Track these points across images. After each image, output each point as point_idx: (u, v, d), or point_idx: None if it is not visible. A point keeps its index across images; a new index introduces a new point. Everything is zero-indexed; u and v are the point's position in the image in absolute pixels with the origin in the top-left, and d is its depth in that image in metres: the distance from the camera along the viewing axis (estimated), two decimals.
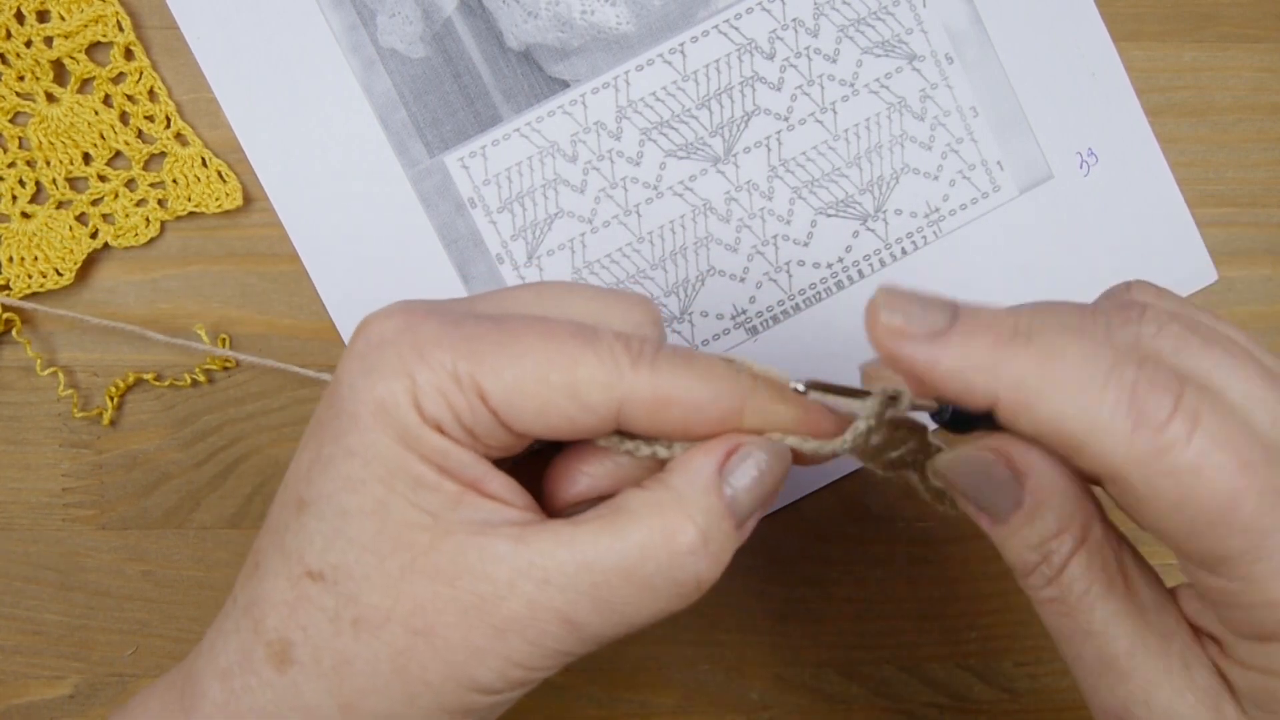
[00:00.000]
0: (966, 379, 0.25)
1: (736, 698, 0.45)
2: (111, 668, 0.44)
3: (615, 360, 0.26)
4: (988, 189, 0.44)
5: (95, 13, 0.41)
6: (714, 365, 0.27)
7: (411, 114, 0.42)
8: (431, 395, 0.26)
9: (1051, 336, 0.25)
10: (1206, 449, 0.23)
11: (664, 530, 0.26)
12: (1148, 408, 0.24)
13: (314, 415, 0.28)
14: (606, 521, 0.27)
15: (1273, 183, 0.44)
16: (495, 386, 0.26)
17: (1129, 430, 0.24)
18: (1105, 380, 0.24)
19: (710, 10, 0.43)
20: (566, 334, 0.26)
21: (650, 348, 0.27)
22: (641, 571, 0.26)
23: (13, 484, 0.43)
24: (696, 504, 0.27)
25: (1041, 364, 0.24)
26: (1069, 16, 0.43)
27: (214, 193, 0.42)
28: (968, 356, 0.25)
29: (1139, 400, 0.24)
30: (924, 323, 0.25)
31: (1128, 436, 0.24)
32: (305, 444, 0.28)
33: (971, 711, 0.45)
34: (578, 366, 0.26)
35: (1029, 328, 0.25)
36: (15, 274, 0.42)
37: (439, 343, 0.26)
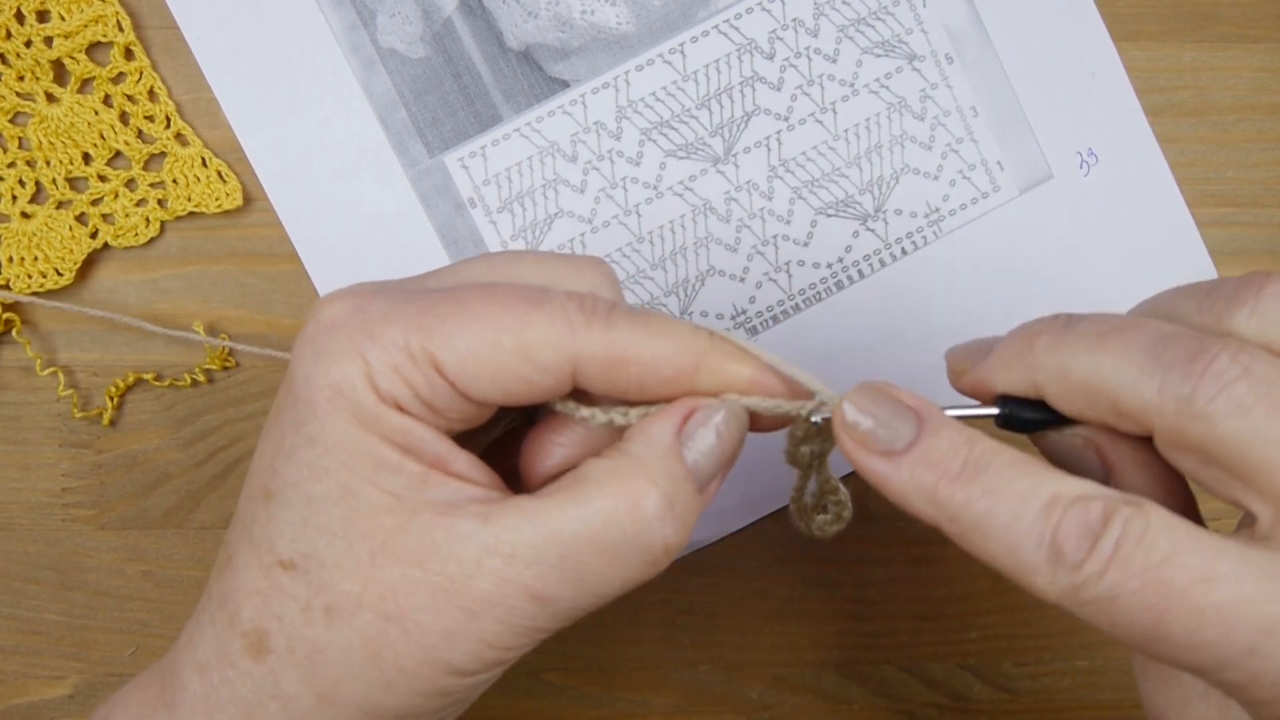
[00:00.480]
0: (911, 503, 0.26)
1: (736, 698, 0.45)
2: (111, 668, 0.44)
3: (567, 318, 0.26)
4: (988, 189, 0.44)
5: (95, 13, 0.42)
6: (669, 323, 0.27)
7: (411, 114, 0.42)
8: (386, 373, 0.26)
9: (994, 476, 0.26)
10: (1120, 579, 0.24)
11: (627, 497, 0.26)
12: (1065, 548, 0.25)
13: (274, 403, 0.28)
14: (570, 492, 0.27)
15: (1273, 183, 0.44)
16: (449, 356, 0.26)
17: (1050, 570, 0.25)
18: (1032, 522, 0.25)
19: (710, 10, 0.43)
20: (515, 296, 0.26)
21: (604, 305, 0.27)
22: (608, 539, 0.26)
23: (13, 484, 0.43)
24: (658, 468, 0.27)
25: (978, 501, 0.26)
26: (1069, 16, 0.43)
27: (214, 193, 0.42)
28: (914, 483, 0.26)
29: (1059, 541, 0.25)
30: (884, 440, 0.27)
31: (1050, 576, 0.25)
32: (266, 433, 0.28)
33: (971, 711, 0.45)
34: (528, 328, 0.26)
35: (978, 462, 0.26)
36: (15, 274, 0.42)
37: (389, 319, 0.26)
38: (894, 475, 0.27)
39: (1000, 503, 0.25)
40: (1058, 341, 0.27)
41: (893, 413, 0.27)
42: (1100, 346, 0.26)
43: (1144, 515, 0.24)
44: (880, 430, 0.27)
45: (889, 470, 0.27)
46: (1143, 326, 0.26)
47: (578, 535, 0.26)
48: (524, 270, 0.28)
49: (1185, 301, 0.27)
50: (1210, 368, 0.24)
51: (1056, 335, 0.27)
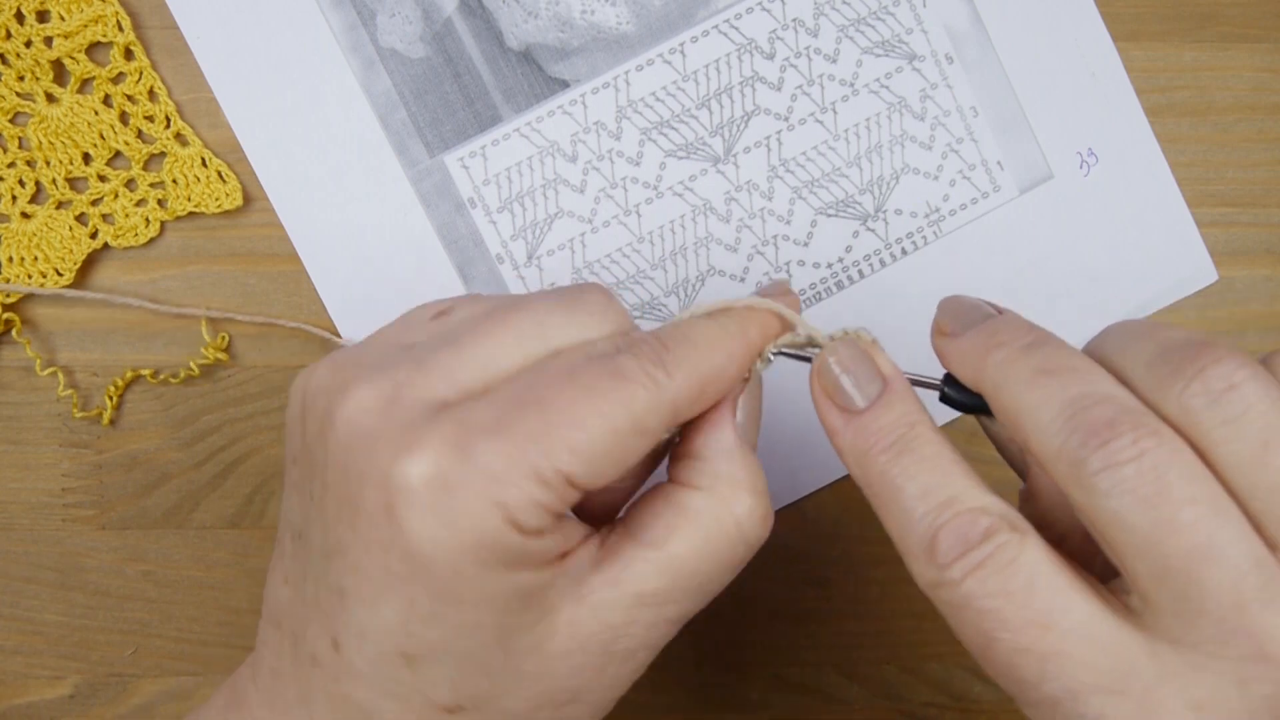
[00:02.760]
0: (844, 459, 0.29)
1: (736, 698, 0.45)
2: (111, 668, 0.44)
3: (654, 380, 0.27)
4: (988, 189, 0.44)
5: (95, 13, 0.41)
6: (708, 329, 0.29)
7: (411, 114, 0.42)
8: (527, 510, 0.25)
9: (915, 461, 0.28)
10: (968, 595, 0.26)
11: (733, 516, 0.28)
12: (940, 547, 0.26)
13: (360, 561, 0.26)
14: (688, 529, 0.28)
15: (1273, 183, 0.44)
16: (579, 466, 0.26)
17: (924, 560, 0.27)
18: (924, 514, 0.27)
19: (710, 10, 0.43)
20: (603, 381, 0.26)
21: (660, 348, 0.27)
22: (734, 556, 0.29)
23: (13, 484, 0.43)
24: (741, 474, 0.29)
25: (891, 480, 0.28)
26: (1069, 16, 0.43)
27: (214, 193, 0.42)
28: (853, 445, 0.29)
29: (937, 538, 0.26)
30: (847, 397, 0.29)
31: (922, 565, 0.27)
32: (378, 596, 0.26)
33: (971, 711, 0.45)
34: (634, 406, 0.26)
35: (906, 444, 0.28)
36: (15, 274, 0.42)
37: (507, 458, 0.25)
38: (842, 432, 0.28)
39: (909, 486, 0.27)
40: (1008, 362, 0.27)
41: (866, 375, 0.29)
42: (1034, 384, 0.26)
43: (1020, 546, 0.26)
44: (848, 388, 0.29)
45: (840, 426, 0.28)
46: (1079, 378, 0.26)
47: (709, 566, 0.28)
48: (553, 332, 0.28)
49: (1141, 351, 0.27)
50: (1109, 444, 0.25)
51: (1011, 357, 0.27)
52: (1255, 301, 0.44)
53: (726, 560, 0.28)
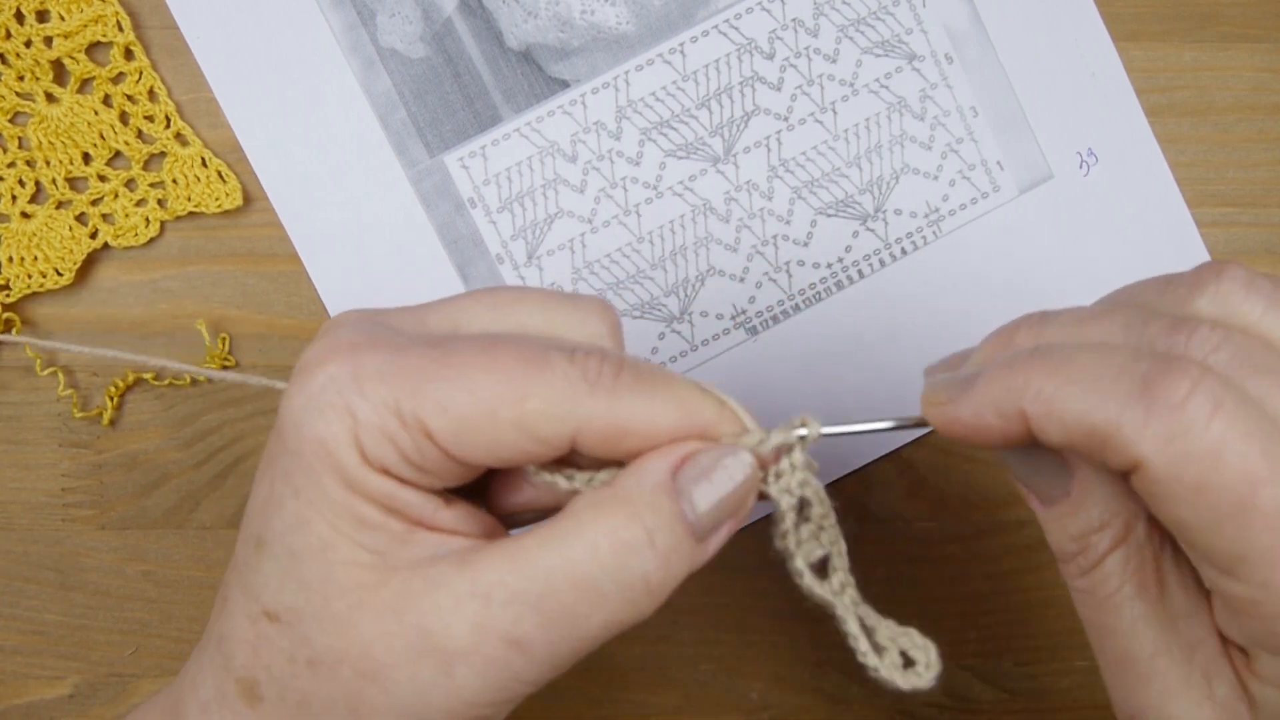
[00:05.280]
0: (999, 405, 0.26)
1: (736, 698, 0.45)
2: (111, 668, 0.44)
3: (570, 388, 0.25)
4: (988, 189, 0.44)
5: (95, 13, 0.41)
6: (674, 387, 0.26)
7: (411, 114, 0.42)
8: (374, 435, 0.25)
9: (1067, 348, 0.26)
10: (1227, 432, 0.23)
11: (609, 530, 0.25)
12: (1162, 391, 0.24)
13: (266, 447, 0.28)
14: (550, 529, 0.26)
15: (1273, 183, 0.44)
16: (440, 423, 0.25)
17: (1144, 415, 0.24)
18: (1118, 374, 0.24)
19: (710, 10, 0.43)
20: (514, 361, 0.25)
21: (610, 370, 0.26)
22: (587, 574, 0.25)
23: (13, 484, 0.43)
24: (643, 501, 0.26)
25: (1056, 371, 0.25)
26: (1069, 16, 0.43)
27: (214, 193, 0.42)
28: (996, 387, 0.26)
29: (1152, 385, 0.24)
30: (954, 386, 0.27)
31: (1143, 422, 0.24)
32: (259, 477, 0.27)
33: (971, 711, 0.45)
34: (527, 399, 0.25)
35: (1047, 345, 0.26)
36: (15, 274, 0.42)
37: (380, 377, 0.25)
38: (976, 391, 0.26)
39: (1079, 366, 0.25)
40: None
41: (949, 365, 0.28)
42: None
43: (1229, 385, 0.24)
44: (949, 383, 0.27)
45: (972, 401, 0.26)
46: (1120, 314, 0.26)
47: (554, 571, 0.25)
48: (527, 313, 0.28)
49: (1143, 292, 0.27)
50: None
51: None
52: None
53: (577, 577, 0.25)
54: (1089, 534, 0.27)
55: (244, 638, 0.27)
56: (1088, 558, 0.28)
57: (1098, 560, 0.27)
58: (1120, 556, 0.27)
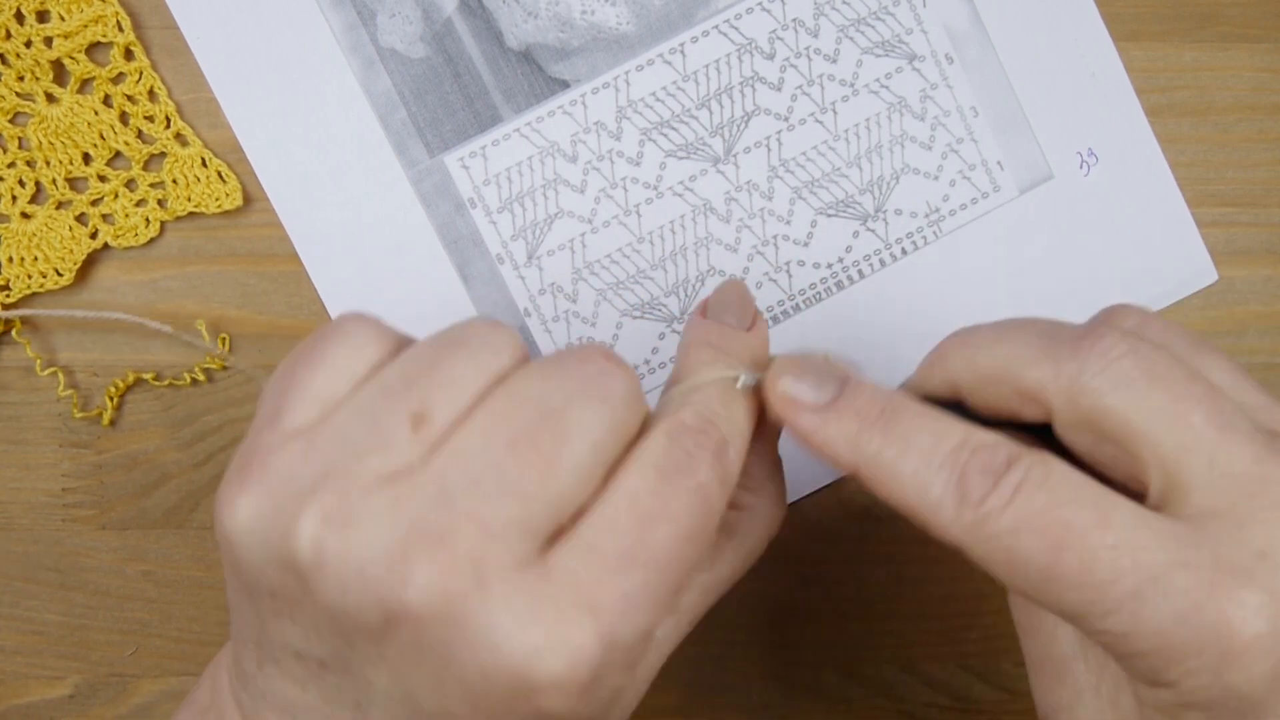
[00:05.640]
0: (835, 451, 0.28)
1: (736, 698, 0.45)
2: (111, 668, 0.44)
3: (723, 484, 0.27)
4: (988, 189, 0.44)
5: (95, 13, 0.41)
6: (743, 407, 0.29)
7: (411, 114, 0.42)
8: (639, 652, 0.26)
9: (909, 421, 0.27)
10: (1021, 515, 0.25)
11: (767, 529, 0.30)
12: (970, 486, 0.26)
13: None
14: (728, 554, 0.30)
15: (1273, 183, 0.44)
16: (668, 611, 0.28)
17: (955, 507, 0.26)
18: (941, 462, 0.26)
19: (710, 10, 0.43)
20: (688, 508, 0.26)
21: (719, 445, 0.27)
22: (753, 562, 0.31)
23: (13, 484, 0.43)
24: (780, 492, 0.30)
25: (893, 444, 0.27)
26: (1069, 16, 0.43)
27: (214, 193, 0.42)
28: (838, 432, 0.28)
29: (965, 480, 0.26)
30: (813, 393, 0.28)
31: (954, 512, 0.26)
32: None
33: (971, 711, 0.45)
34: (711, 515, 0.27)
35: (895, 409, 0.28)
36: (15, 274, 0.42)
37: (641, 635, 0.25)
38: (820, 427, 0.28)
39: (912, 446, 0.27)
40: (964, 340, 0.29)
41: (821, 374, 0.29)
42: (1000, 337, 0.28)
43: (1046, 464, 0.26)
44: (811, 386, 0.29)
45: (815, 423, 0.28)
46: (1035, 320, 0.28)
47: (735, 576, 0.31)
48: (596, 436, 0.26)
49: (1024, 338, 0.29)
50: (1097, 346, 0.26)
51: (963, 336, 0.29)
52: (1255, 301, 0.44)
53: (750, 566, 0.30)
54: None
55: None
56: None
57: None
58: None
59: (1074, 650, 0.29)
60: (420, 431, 0.24)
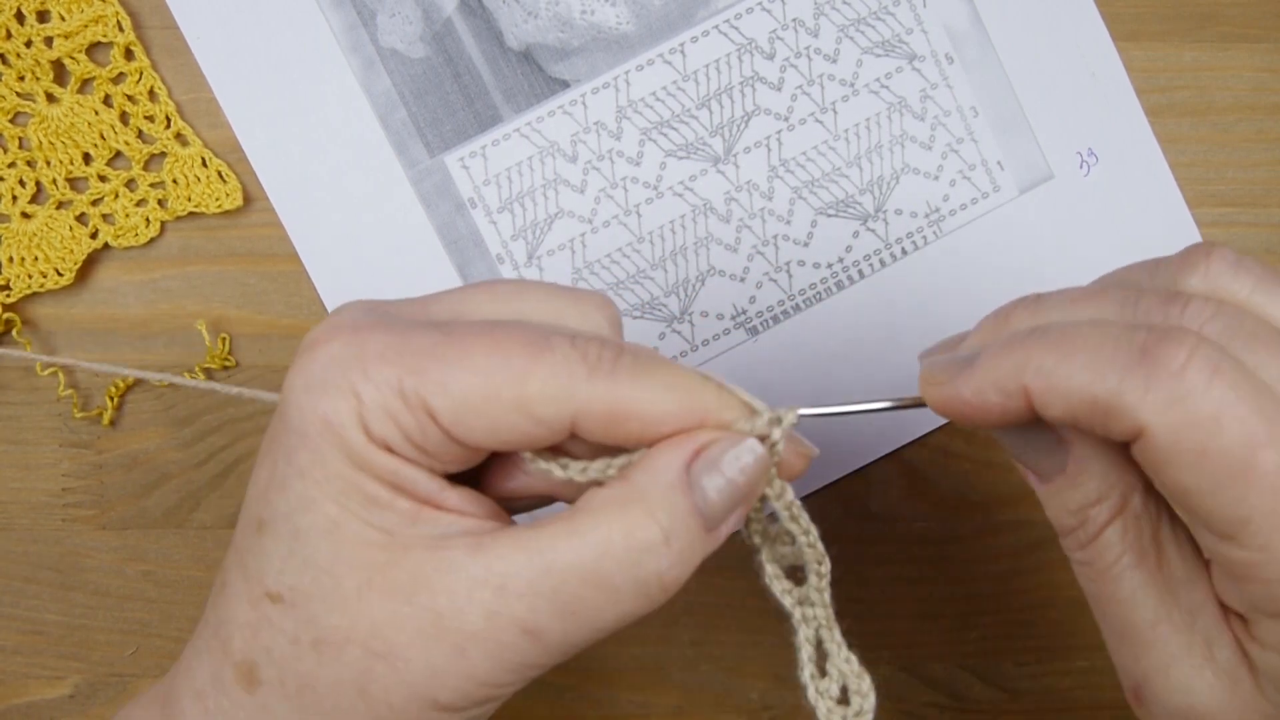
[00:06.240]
0: (1001, 382, 0.26)
1: (736, 698, 0.45)
2: (111, 668, 0.44)
3: (569, 370, 0.25)
4: (988, 189, 0.44)
5: (95, 13, 0.42)
6: (675, 374, 0.27)
7: (411, 114, 0.42)
8: (378, 414, 0.25)
9: (1065, 325, 0.26)
10: (1226, 397, 0.24)
11: (624, 528, 0.26)
12: (1160, 358, 0.24)
13: (267, 430, 0.27)
14: (566, 523, 0.26)
15: (1273, 183, 0.44)
16: (443, 404, 0.25)
17: (1144, 383, 0.24)
18: (1116, 345, 0.25)
19: (710, 10, 0.43)
20: (516, 344, 0.26)
21: (610, 354, 0.26)
22: (602, 570, 0.25)
23: (13, 484, 0.43)
24: (659, 501, 0.26)
25: (1057, 347, 0.26)
26: (1069, 16, 0.43)
27: (214, 193, 0.42)
28: (998, 365, 0.26)
29: (1150, 354, 0.24)
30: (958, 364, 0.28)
31: (1144, 390, 0.24)
32: (260, 461, 0.27)
33: (971, 711, 0.45)
34: (528, 380, 0.25)
35: (1045, 324, 0.27)
36: (15, 274, 0.42)
37: (384, 357, 0.25)
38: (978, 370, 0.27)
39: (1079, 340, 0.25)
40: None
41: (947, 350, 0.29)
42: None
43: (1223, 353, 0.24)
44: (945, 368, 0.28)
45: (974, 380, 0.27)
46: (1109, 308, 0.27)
47: (570, 566, 0.25)
48: (530, 304, 0.28)
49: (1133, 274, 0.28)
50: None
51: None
52: None
53: (591, 572, 0.25)
54: (1087, 507, 0.28)
55: (243, 621, 0.27)
56: (1086, 531, 0.28)
57: (1096, 532, 0.28)
58: (1118, 528, 0.28)
59: (1158, 613, 0.28)
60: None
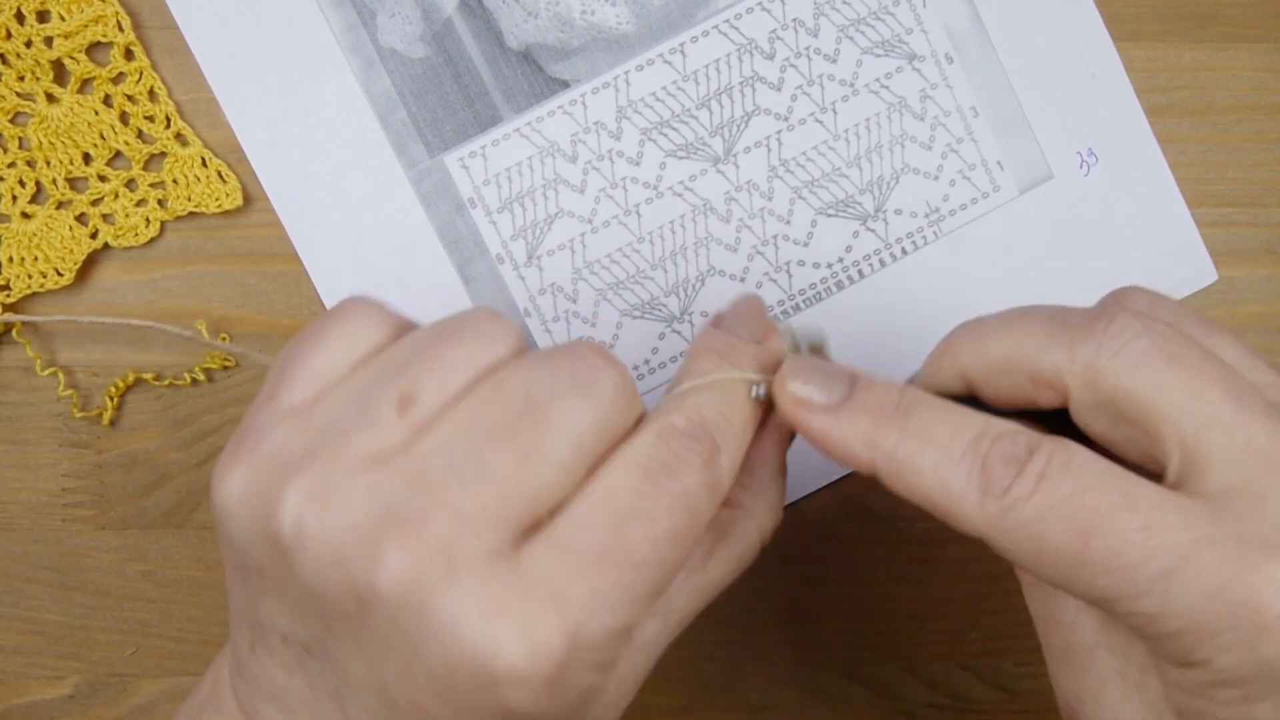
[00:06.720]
0: (851, 450, 0.27)
1: (736, 698, 0.45)
2: (111, 668, 0.44)
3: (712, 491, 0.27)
4: (988, 189, 0.44)
5: (95, 13, 0.42)
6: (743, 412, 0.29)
7: (411, 114, 0.42)
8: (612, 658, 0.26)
9: (926, 414, 0.27)
10: (1047, 503, 0.25)
11: (760, 533, 0.30)
12: (993, 476, 0.25)
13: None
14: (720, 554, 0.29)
15: (1273, 183, 0.44)
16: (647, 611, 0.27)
17: (979, 498, 0.26)
18: (962, 454, 0.26)
19: (710, 10, 0.43)
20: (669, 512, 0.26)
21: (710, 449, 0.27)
22: (745, 566, 0.30)
23: (13, 484, 0.43)
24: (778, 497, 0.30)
25: (911, 439, 0.27)
26: (1069, 16, 0.43)
27: (214, 193, 0.42)
28: (853, 430, 0.27)
29: (987, 470, 0.26)
30: (823, 395, 0.28)
31: (979, 503, 0.26)
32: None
33: (971, 711, 0.45)
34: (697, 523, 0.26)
35: (909, 405, 0.27)
36: (15, 274, 0.42)
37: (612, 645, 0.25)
38: (835, 427, 0.28)
39: (932, 439, 0.26)
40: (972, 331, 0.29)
41: (828, 375, 0.29)
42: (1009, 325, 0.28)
43: (1068, 450, 0.25)
44: (818, 392, 0.28)
45: (830, 423, 0.28)
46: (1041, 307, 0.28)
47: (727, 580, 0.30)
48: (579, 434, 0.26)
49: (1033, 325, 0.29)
50: (1111, 327, 0.26)
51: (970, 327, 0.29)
52: (1255, 301, 0.44)
53: (743, 569, 0.29)
54: None
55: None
56: None
57: None
58: None
59: (1096, 638, 0.29)
60: (406, 415, 0.24)
